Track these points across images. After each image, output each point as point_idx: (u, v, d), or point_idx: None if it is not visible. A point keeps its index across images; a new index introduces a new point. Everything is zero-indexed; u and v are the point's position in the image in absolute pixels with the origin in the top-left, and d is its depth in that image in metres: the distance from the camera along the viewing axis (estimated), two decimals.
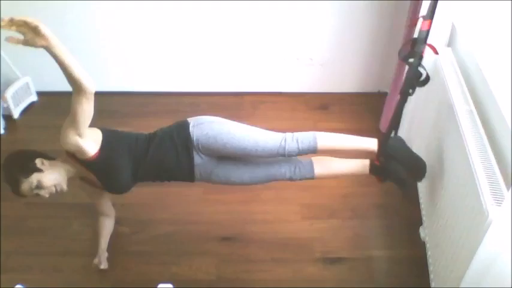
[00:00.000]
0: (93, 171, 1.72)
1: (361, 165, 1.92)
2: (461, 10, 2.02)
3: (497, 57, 1.72)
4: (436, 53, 1.83)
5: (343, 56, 2.97)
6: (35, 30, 1.34)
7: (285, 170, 1.88)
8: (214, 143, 1.75)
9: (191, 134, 1.77)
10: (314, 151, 1.81)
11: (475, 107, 1.68)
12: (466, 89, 1.78)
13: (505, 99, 1.53)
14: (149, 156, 1.76)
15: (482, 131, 1.56)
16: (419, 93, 2.18)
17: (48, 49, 1.39)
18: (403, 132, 2.30)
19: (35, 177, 1.64)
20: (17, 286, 1.46)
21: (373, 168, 1.91)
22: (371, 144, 1.84)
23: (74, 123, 1.56)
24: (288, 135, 1.81)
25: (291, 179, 1.90)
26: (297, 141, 1.79)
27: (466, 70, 1.90)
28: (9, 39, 1.33)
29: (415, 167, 1.85)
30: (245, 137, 1.78)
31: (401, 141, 1.89)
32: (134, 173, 1.78)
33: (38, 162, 1.67)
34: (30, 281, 1.78)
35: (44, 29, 1.35)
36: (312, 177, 1.91)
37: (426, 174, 1.87)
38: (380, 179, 1.95)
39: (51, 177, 1.66)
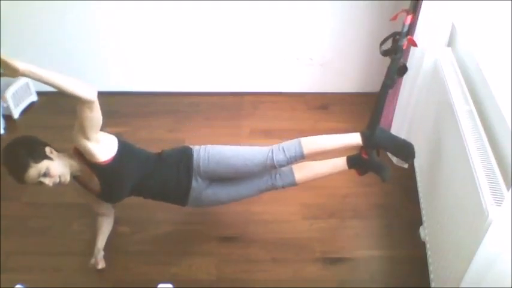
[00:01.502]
0: (98, 176, 1.73)
1: (340, 162, 2.02)
2: (461, 10, 2.02)
3: (497, 57, 1.72)
4: (415, 45, 1.87)
5: (343, 56, 2.97)
6: (4, 65, 1.36)
7: (266, 178, 1.96)
8: (207, 164, 1.85)
9: (194, 156, 1.86)
10: (302, 157, 1.88)
11: (475, 107, 1.68)
12: (466, 89, 1.78)
13: (505, 99, 1.53)
14: (153, 177, 1.84)
15: (482, 131, 1.56)
16: (420, 93, 2.19)
17: (26, 76, 1.40)
18: (403, 132, 2.31)
19: (45, 164, 1.63)
20: (17, 286, 1.46)
21: (351, 162, 2.00)
22: (355, 138, 1.92)
23: (82, 130, 1.59)
24: (275, 146, 1.89)
25: (274, 186, 1.98)
26: (284, 150, 1.86)
27: (466, 70, 1.90)
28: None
29: (403, 150, 1.93)
30: (234, 154, 1.87)
31: (384, 130, 1.97)
32: (134, 188, 1.84)
33: (48, 150, 1.67)
34: (30, 281, 1.78)
35: (11, 62, 1.36)
36: (294, 183, 1.99)
37: (428, 176, 1.88)
38: (359, 172, 2.03)
39: (58, 166, 1.67)
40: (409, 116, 2.31)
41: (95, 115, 1.57)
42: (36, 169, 1.62)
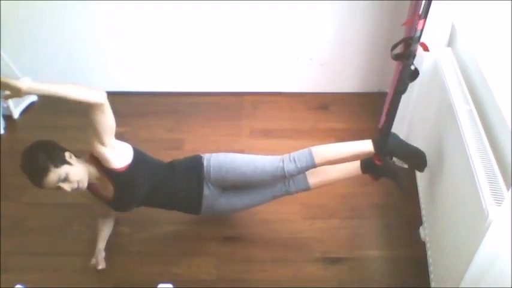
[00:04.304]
0: (114, 182, 1.73)
1: (353, 167, 2.00)
2: (461, 10, 2.02)
3: (497, 57, 1.72)
4: (427, 49, 1.84)
5: (343, 56, 2.97)
6: (6, 87, 1.37)
7: (280, 185, 1.96)
8: (218, 172, 1.85)
9: (204, 165, 1.86)
10: (314, 166, 1.87)
11: (475, 107, 1.68)
12: (466, 89, 1.78)
13: (505, 99, 1.53)
14: (165, 186, 1.84)
15: (482, 131, 1.56)
16: (420, 93, 2.19)
17: (30, 93, 1.41)
18: (403, 132, 2.31)
19: (65, 169, 1.62)
20: (17, 286, 1.46)
21: (365, 167, 1.98)
22: (367, 146, 1.87)
23: (96, 136, 1.59)
24: (285, 156, 1.87)
25: (287, 192, 1.98)
26: (295, 161, 1.85)
27: (466, 70, 1.90)
28: (5, 97, 1.40)
29: (415, 159, 1.90)
30: (244, 163, 1.86)
31: (397, 137, 1.93)
32: (146, 198, 1.84)
33: (67, 154, 1.66)
34: (30, 281, 1.78)
35: (13, 83, 1.37)
36: (308, 188, 1.99)
37: (427, 175, 1.87)
38: (374, 177, 2.01)
39: (77, 172, 1.66)
40: (409, 116, 2.31)
41: (108, 118, 1.57)
42: (56, 174, 1.60)
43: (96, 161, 1.69)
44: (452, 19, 2.06)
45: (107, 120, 1.57)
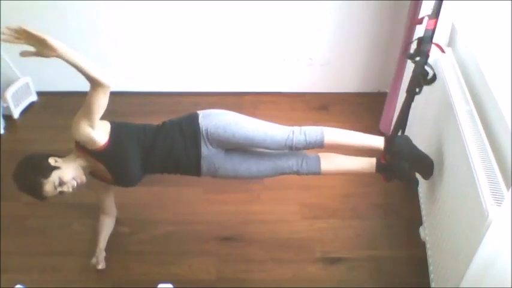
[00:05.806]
0: (103, 162, 1.73)
1: (368, 163, 1.95)
2: (461, 10, 2.02)
3: (497, 57, 1.72)
4: (443, 51, 1.85)
5: (343, 56, 2.97)
6: (43, 43, 1.41)
7: (292, 162, 1.90)
8: (223, 133, 1.78)
9: (200, 124, 1.80)
10: (321, 145, 1.84)
11: (475, 107, 1.68)
12: (466, 89, 1.78)
13: (505, 99, 1.53)
14: (157, 146, 1.79)
15: (482, 131, 1.56)
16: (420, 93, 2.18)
17: (60, 57, 1.46)
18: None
19: (55, 175, 1.64)
20: (17, 286, 1.46)
21: (379, 166, 1.93)
22: (377, 142, 1.87)
23: (88, 115, 1.60)
24: (296, 128, 1.85)
25: (297, 173, 1.92)
26: (305, 134, 1.82)
27: (466, 70, 1.90)
28: (23, 54, 1.41)
29: (422, 165, 1.87)
30: (254, 128, 1.82)
31: (408, 140, 1.90)
32: (143, 163, 1.80)
33: (52, 160, 1.68)
34: (30, 281, 1.78)
35: (52, 40, 1.42)
36: (319, 172, 1.93)
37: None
38: (386, 178, 1.97)
39: (69, 171, 1.68)
40: (410, 116, 2.31)
41: (106, 101, 1.61)
42: (49, 183, 1.63)
43: (82, 149, 1.70)
44: (452, 19, 2.06)
45: (104, 103, 1.61)
